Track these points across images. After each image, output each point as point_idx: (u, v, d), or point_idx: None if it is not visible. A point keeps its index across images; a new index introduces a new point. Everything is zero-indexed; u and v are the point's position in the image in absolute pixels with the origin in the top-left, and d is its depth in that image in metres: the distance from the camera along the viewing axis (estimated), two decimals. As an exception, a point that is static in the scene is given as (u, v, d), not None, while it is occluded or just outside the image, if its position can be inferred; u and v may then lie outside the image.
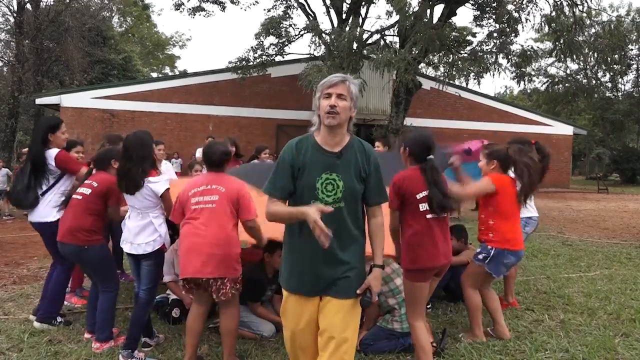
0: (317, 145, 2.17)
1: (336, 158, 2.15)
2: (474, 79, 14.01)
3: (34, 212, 3.68)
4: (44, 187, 3.67)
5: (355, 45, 14.22)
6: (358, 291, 2.16)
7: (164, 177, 3.28)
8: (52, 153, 3.66)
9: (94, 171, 3.46)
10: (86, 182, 3.38)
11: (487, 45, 14.40)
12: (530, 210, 4.20)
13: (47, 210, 3.65)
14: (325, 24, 33.24)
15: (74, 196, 3.36)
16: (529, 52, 14.13)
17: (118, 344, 3.32)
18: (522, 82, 15.19)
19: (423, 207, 2.75)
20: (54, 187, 3.71)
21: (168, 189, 3.17)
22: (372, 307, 3.45)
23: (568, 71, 29.38)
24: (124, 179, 3.08)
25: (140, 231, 3.15)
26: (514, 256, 3.41)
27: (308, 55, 16.08)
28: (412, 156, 2.87)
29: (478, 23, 15.69)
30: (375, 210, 2.27)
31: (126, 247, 3.21)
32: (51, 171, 3.68)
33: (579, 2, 13.49)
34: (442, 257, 2.79)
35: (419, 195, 2.75)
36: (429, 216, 2.76)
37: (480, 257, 3.42)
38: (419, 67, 15.29)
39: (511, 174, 3.55)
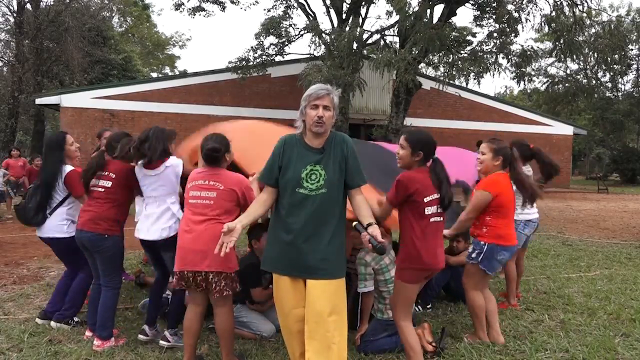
0: (303, 143, 2.50)
1: (319, 153, 2.47)
2: (474, 79, 14.03)
3: (43, 227, 3.66)
4: (54, 204, 3.66)
5: (355, 45, 14.24)
6: (375, 246, 2.25)
7: (174, 159, 3.34)
8: (65, 170, 3.64)
9: (105, 155, 3.45)
10: (104, 174, 3.37)
11: (487, 45, 14.41)
12: (530, 213, 4.20)
13: (57, 225, 3.63)
14: (325, 24, 33.30)
15: (95, 189, 3.37)
16: (529, 52, 14.14)
17: (119, 344, 3.33)
18: (522, 82, 15.19)
19: (428, 210, 2.74)
20: (64, 203, 3.69)
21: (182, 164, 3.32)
22: (368, 298, 3.44)
23: (568, 71, 29.38)
24: (135, 151, 3.17)
25: (158, 217, 3.23)
26: (506, 251, 3.39)
27: (308, 55, 16.09)
28: (425, 159, 2.82)
29: (478, 23, 15.71)
30: (356, 191, 2.52)
31: (142, 235, 3.27)
32: (60, 188, 3.66)
33: (579, 2, 13.50)
34: (438, 261, 2.81)
35: (427, 199, 2.73)
36: (432, 220, 2.76)
37: (474, 255, 3.40)
38: (419, 67, 15.29)
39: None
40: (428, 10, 13.09)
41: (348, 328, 2.51)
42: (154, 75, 36.95)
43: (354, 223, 2.41)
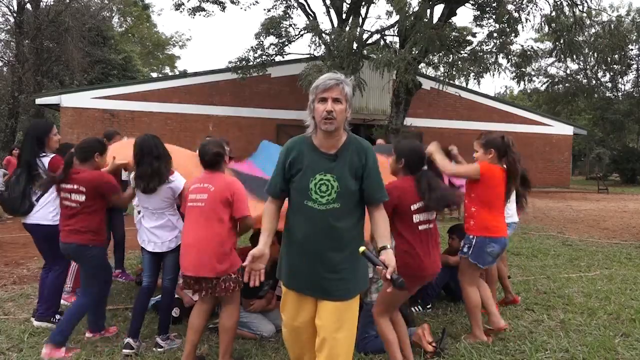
0: (313, 147, 2.18)
1: (332, 160, 2.15)
2: (474, 79, 14.03)
3: (30, 214, 3.69)
4: (39, 193, 3.68)
5: (355, 45, 14.23)
6: (388, 275, 1.96)
7: (178, 175, 3.30)
8: (46, 160, 3.66)
9: (74, 160, 3.34)
10: (72, 186, 3.22)
11: (487, 45, 14.41)
12: (511, 215, 4.14)
13: (42, 213, 3.67)
14: (325, 24, 33.30)
15: (69, 204, 3.25)
16: (529, 52, 14.14)
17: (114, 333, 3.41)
18: (522, 82, 15.18)
19: (416, 218, 2.75)
20: (49, 191, 3.69)
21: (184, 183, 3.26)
22: None
23: (568, 71, 29.38)
24: (149, 178, 3.11)
25: (161, 231, 3.26)
26: (496, 244, 3.38)
27: (308, 55, 16.08)
28: (407, 167, 2.85)
29: (478, 23, 15.70)
30: (375, 207, 2.23)
31: (150, 247, 3.29)
32: (42, 176, 3.66)
33: (579, 2, 13.50)
34: (434, 266, 2.81)
35: (414, 207, 2.74)
36: (421, 227, 2.76)
37: (465, 249, 3.44)
38: (419, 67, 15.28)
39: None
40: (428, 10, 13.08)
41: None
42: (154, 75, 36.95)
43: (362, 249, 2.05)
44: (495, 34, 14.32)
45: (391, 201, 2.63)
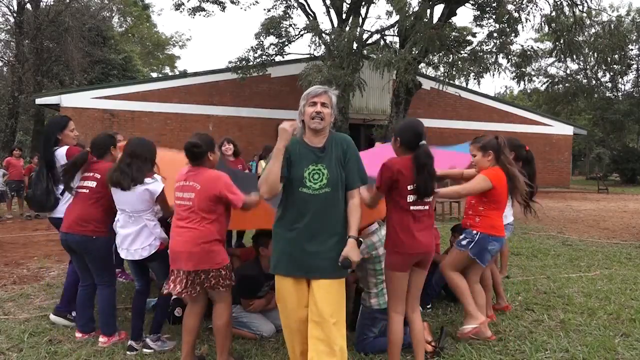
0: (304, 144, 2.56)
1: (320, 152, 2.53)
2: (474, 79, 14.05)
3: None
4: (61, 187, 3.66)
5: (355, 45, 14.24)
6: (339, 261, 2.41)
7: (158, 178, 3.24)
8: (61, 152, 3.66)
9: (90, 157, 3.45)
10: (88, 174, 3.39)
11: (487, 45, 14.43)
12: (507, 216, 4.11)
13: (64, 207, 3.63)
14: (325, 24, 33.32)
15: (80, 190, 3.38)
16: (529, 52, 14.15)
17: (122, 339, 3.37)
18: (522, 82, 15.20)
19: (410, 198, 2.72)
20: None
21: (163, 188, 3.19)
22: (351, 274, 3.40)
23: (568, 71, 29.39)
24: (119, 173, 3.10)
25: (135, 237, 3.19)
26: (497, 242, 3.45)
27: (308, 55, 16.10)
28: (404, 145, 2.80)
29: (478, 23, 15.73)
30: (353, 193, 2.57)
31: (122, 254, 3.25)
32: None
33: (579, 2, 13.50)
34: (422, 246, 2.75)
35: (410, 187, 2.72)
36: (412, 207, 2.74)
37: (464, 242, 3.42)
38: (419, 67, 15.29)
39: None
40: (428, 10, 13.08)
41: (347, 329, 2.54)
42: (154, 75, 36.94)
43: (341, 260, 2.42)
44: (495, 34, 14.34)
45: (392, 176, 2.68)
